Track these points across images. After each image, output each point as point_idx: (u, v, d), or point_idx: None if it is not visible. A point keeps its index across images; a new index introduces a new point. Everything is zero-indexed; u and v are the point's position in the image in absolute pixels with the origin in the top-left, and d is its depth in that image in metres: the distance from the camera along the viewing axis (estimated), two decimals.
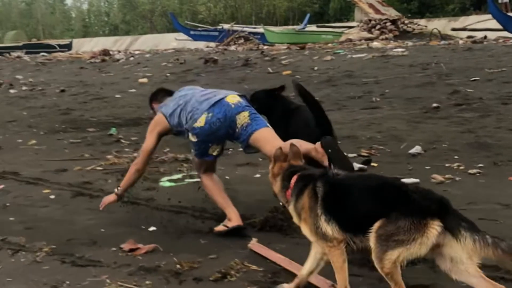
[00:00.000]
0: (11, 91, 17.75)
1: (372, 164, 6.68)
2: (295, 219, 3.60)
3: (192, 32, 40.72)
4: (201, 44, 39.37)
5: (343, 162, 4.40)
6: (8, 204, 6.09)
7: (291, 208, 3.61)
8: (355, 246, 3.25)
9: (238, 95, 5.08)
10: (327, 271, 3.51)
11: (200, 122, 4.83)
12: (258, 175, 6.64)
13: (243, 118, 4.89)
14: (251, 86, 13.92)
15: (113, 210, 5.50)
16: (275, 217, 4.93)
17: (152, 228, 5.09)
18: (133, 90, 15.51)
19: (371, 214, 3.08)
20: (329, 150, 4.39)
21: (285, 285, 3.66)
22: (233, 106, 4.88)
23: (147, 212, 5.58)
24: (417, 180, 5.95)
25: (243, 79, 15.30)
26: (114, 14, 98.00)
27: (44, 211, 5.81)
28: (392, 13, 40.56)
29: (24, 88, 18.18)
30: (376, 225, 3.01)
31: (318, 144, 4.42)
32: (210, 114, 4.82)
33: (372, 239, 3.02)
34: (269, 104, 5.71)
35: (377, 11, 45.10)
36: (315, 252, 3.54)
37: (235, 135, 4.96)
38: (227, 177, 6.44)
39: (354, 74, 14.00)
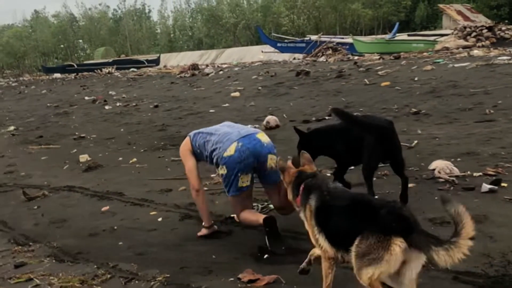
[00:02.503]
0: (106, 107, 18.02)
1: (502, 184, 6.03)
2: (306, 225, 3.85)
3: (279, 44, 40.79)
4: (286, 56, 39.28)
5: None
6: (115, 228, 5.92)
7: (301, 215, 3.89)
8: (340, 258, 3.54)
9: (265, 135, 5.30)
10: None
11: (230, 151, 5.04)
12: (376, 197, 6.06)
13: (271, 158, 5.11)
14: (348, 98, 13.50)
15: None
16: None
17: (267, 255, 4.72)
18: (226, 105, 15.37)
19: (347, 232, 3.32)
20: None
21: None
22: (265, 144, 5.13)
23: (262, 237, 5.18)
24: None
25: (339, 91, 14.84)
26: (198, 29, 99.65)
27: (154, 235, 5.57)
28: (481, 19, 39.34)
29: (118, 104, 18.49)
30: (354, 243, 3.20)
31: None
32: (240, 144, 5.04)
33: (352, 257, 3.23)
34: (311, 141, 6.01)
35: (466, 18, 43.92)
36: None
37: (261, 171, 5.17)
38: None
39: (459, 84, 13.25)
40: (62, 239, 5.69)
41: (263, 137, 5.16)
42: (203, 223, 5.46)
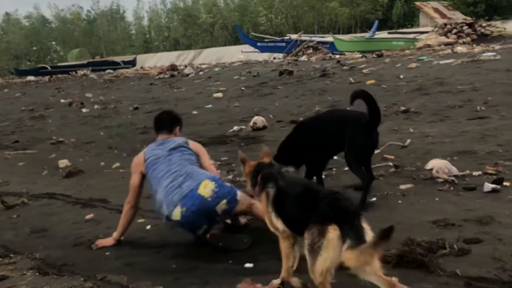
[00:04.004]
0: (83, 110, 17.62)
1: (505, 183, 5.82)
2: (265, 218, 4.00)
3: (259, 44, 40.65)
4: (265, 56, 39.15)
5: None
6: (101, 237, 5.56)
7: (259, 203, 4.14)
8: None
9: (210, 179, 4.94)
10: None
11: (176, 216, 4.85)
12: (374, 198, 5.84)
13: (221, 205, 4.85)
14: (334, 97, 13.32)
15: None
16: (413, 251, 4.18)
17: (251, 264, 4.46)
18: (209, 106, 15.08)
19: (298, 217, 3.55)
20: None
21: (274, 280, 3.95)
22: (209, 199, 4.82)
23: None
24: None
25: (324, 91, 14.62)
26: (175, 29, 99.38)
27: (143, 244, 5.26)
28: (458, 16, 39.57)
29: (96, 106, 18.07)
30: (304, 237, 3.36)
31: None
32: (184, 209, 4.81)
33: (305, 252, 3.37)
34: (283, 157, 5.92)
35: (443, 15, 44.20)
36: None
37: (217, 217, 4.98)
38: None
39: (446, 81, 13.11)
40: (45, 250, 5.35)
41: (206, 189, 4.84)
42: (114, 233, 5.38)
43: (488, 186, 5.69)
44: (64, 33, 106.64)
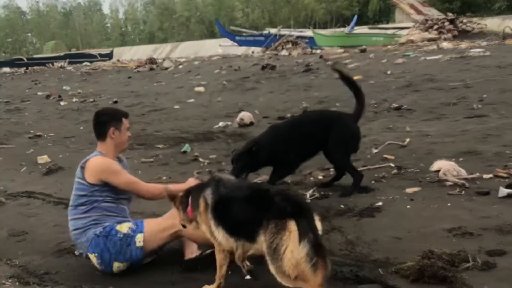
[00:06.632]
0: (61, 103, 17.12)
1: None
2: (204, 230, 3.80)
3: (237, 38, 40.48)
4: (243, 50, 38.98)
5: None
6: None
7: (198, 220, 3.81)
8: (240, 249, 3.64)
9: (91, 252, 4.47)
10: None
11: None
12: (380, 203, 5.44)
13: (117, 268, 4.43)
14: (321, 93, 13.05)
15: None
16: (434, 264, 3.79)
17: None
18: (191, 100, 14.72)
19: (246, 221, 3.42)
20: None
21: None
22: (103, 269, 4.47)
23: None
24: None
25: (309, 86, 14.32)
26: (151, 22, 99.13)
27: None
28: (433, 13, 39.80)
29: (74, 100, 17.60)
30: (263, 243, 3.24)
31: None
32: None
33: (267, 259, 3.21)
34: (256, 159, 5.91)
35: (418, 11, 44.38)
36: None
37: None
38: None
39: (436, 77, 12.88)
40: (25, 256, 4.97)
41: (93, 262, 4.50)
42: None
43: (504, 191, 5.32)
44: (40, 25, 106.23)
